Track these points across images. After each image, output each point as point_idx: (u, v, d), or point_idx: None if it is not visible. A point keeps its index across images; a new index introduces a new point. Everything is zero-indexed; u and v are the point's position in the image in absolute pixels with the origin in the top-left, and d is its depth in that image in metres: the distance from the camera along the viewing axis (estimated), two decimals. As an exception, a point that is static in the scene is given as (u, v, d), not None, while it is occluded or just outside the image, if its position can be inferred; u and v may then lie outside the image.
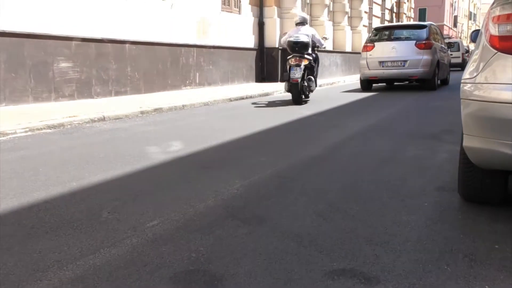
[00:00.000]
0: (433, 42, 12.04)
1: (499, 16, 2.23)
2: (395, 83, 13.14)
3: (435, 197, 2.92)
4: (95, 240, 2.30)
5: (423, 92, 11.16)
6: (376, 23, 29.14)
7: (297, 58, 8.88)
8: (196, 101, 8.90)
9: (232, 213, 2.70)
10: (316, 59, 9.64)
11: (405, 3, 36.22)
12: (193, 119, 6.95)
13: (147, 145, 4.88)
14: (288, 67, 8.95)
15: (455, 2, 65.47)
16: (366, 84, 12.38)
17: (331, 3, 21.32)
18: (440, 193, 3.00)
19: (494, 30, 2.24)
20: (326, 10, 19.50)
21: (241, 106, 8.96)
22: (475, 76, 2.33)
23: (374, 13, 28.86)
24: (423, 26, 12.51)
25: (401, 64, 11.73)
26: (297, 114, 7.37)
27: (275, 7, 15.80)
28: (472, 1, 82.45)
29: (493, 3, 2.32)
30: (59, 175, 3.62)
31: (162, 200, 2.98)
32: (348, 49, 22.18)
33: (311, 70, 9.26)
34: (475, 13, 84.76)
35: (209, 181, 3.42)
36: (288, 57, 9.06)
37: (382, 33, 12.81)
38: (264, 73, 15.72)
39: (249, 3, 15.11)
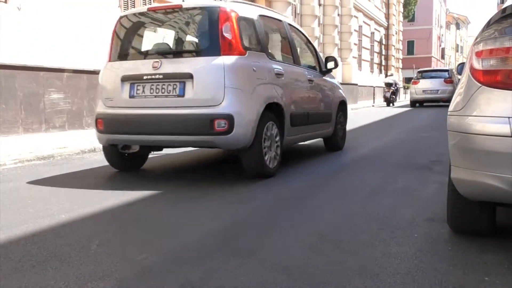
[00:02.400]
0: (453, 79, 20.81)
1: (482, 51, 2.28)
2: (431, 103, 21.74)
3: (425, 228, 2.93)
4: (82, 273, 2.27)
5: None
6: (366, 55, 29.63)
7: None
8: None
9: (222, 245, 2.68)
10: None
11: (393, 35, 36.95)
12: (179, 149, 6.94)
13: (137, 176, 4.87)
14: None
15: (442, 35, 66.93)
16: (415, 103, 21.68)
17: (321, 35, 21.70)
18: (430, 224, 3.01)
19: (478, 65, 2.30)
20: (316, 42, 19.82)
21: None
22: (461, 109, 2.37)
23: (363, 45, 29.38)
24: (447, 70, 22.73)
25: (436, 91, 20.78)
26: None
27: (266, 39, 16.02)
28: (459, 34, 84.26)
29: (477, 38, 2.38)
30: (48, 207, 3.59)
31: (151, 232, 2.96)
32: (338, 80, 22.47)
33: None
34: (462, 45, 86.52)
35: (199, 213, 3.40)
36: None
37: (423, 73, 22.14)
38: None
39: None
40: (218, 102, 4.23)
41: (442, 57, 68.99)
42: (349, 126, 8.22)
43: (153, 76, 4.45)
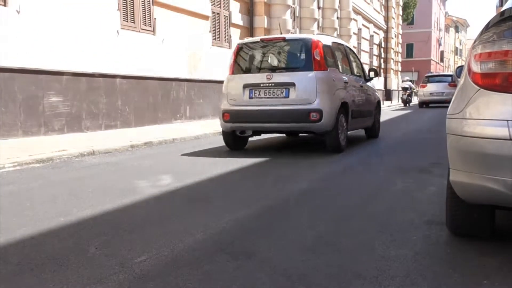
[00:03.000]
0: (456, 82, 23.48)
1: (480, 54, 2.29)
2: (437, 104, 23.62)
3: (424, 231, 2.93)
4: (81, 276, 2.27)
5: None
6: (365, 58, 29.65)
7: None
8: (187, 134, 8.94)
9: (221, 247, 2.68)
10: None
11: (392, 38, 36.97)
12: (183, 153, 6.95)
13: (137, 179, 4.87)
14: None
15: (441, 38, 67.00)
16: (422, 104, 24.40)
17: (320, 38, 21.70)
18: (429, 227, 3.01)
19: (476, 68, 2.30)
20: (315, 45, 19.82)
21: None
22: (460, 112, 2.37)
23: (362, 48, 29.41)
24: (450, 75, 24.45)
25: (441, 94, 23.03)
26: (286, 147, 7.40)
27: (265, 42, 16.05)
28: (458, 37, 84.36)
29: (475, 41, 2.38)
30: (46, 210, 3.58)
31: (150, 234, 2.95)
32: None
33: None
34: (461, 48, 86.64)
35: (198, 215, 3.40)
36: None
37: (430, 78, 24.93)
38: (254, 107, 15.83)
39: (240, 38, 15.34)
40: (312, 101, 6.40)
41: (441, 60, 69.08)
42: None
43: (267, 84, 6.62)
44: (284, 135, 8.78)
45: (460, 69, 4.16)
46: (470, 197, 2.42)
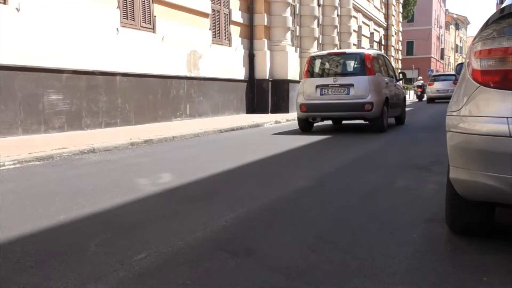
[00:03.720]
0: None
1: (480, 51, 2.28)
2: (443, 100, 25.73)
3: (424, 229, 2.93)
4: (81, 274, 2.27)
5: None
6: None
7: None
8: (187, 132, 8.93)
9: (221, 245, 2.68)
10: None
11: (393, 36, 36.95)
12: (183, 151, 6.95)
13: (136, 177, 4.87)
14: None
15: (441, 35, 66.93)
16: (431, 100, 27.23)
17: (321, 36, 21.70)
18: (429, 225, 3.01)
19: (476, 65, 2.30)
20: (315, 42, 19.83)
21: (232, 137, 9.00)
22: (460, 109, 2.37)
23: (363, 45, 29.38)
24: (454, 74, 24.94)
25: (446, 91, 24.73)
26: (286, 146, 7.40)
27: (265, 40, 16.06)
28: (458, 35, 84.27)
29: (475, 38, 2.38)
30: (46, 208, 3.58)
31: (150, 232, 2.95)
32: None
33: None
34: (461, 45, 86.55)
35: (198, 213, 3.40)
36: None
37: (436, 77, 27.92)
38: (254, 105, 15.86)
39: (240, 36, 15.34)
40: (366, 96, 9.12)
41: (442, 57, 69.03)
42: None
43: (333, 85, 9.44)
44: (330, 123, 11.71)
45: (460, 66, 4.16)
46: (470, 194, 2.42)
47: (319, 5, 20.92)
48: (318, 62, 10.05)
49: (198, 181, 4.64)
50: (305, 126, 9.94)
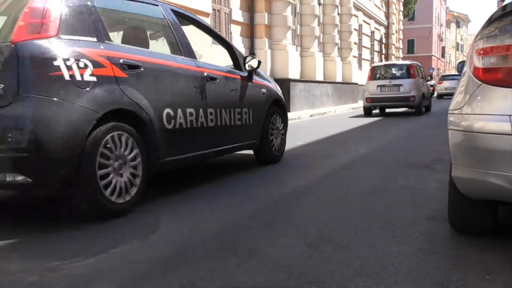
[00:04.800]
0: None
1: (482, 48, 2.27)
2: (450, 97, 25.42)
3: (426, 227, 2.92)
4: (84, 274, 2.27)
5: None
6: (366, 54, 29.64)
7: None
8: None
9: (222, 245, 2.68)
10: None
11: (393, 34, 36.92)
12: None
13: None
14: None
15: (442, 33, 66.86)
16: (440, 97, 29.82)
17: (321, 34, 21.69)
18: (431, 223, 3.00)
19: (478, 62, 2.29)
20: (316, 41, 19.81)
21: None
22: (462, 107, 2.36)
23: (363, 44, 29.37)
24: (459, 74, 28.84)
25: (453, 89, 35.09)
26: (288, 144, 7.39)
27: (266, 39, 16.05)
28: (459, 33, 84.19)
29: (477, 36, 2.37)
30: (50, 208, 3.58)
31: (152, 232, 2.95)
32: (339, 79, 22.44)
33: None
34: (462, 44, 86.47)
35: (200, 213, 3.40)
36: None
37: (444, 77, 31.89)
38: (255, 104, 15.82)
39: (240, 35, 15.33)
40: (411, 92, 14.04)
41: (443, 55, 68.99)
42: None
43: (389, 84, 14.37)
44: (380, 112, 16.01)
45: (461, 64, 4.15)
46: (472, 192, 2.41)
47: (319, 3, 20.90)
48: (377, 70, 15.25)
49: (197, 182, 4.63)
50: (368, 112, 15.01)
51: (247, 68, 5.13)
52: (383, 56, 35.04)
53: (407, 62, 15.35)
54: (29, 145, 2.78)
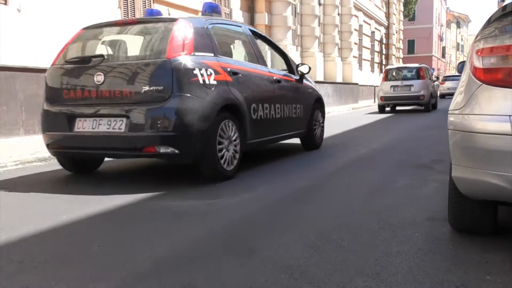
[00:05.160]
0: None
1: (482, 49, 2.28)
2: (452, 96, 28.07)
3: (426, 227, 2.92)
4: (83, 274, 2.27)
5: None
6: (366, 54, 29.63)
7: None
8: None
9: (223, 245, 2.68)
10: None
11: (394, 34, 36.91)
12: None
13: (141, 175, 4.87)
14: None
15: (442, 33, 66.82)
16: (442, 96, 29.11)
17: (322, 34, 21.69)
18: (431, 223, 3.01)
19: (478, 63, 2.29)
20: (316, 41, 19.83)
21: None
22: (462, 107, 2.36)
23: (364, 44, 29.37)
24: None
25: (455, 89, 26.94)
26: (287, 144, 7.40)
27: (266, 39, 16.04)
28: (459, 33, 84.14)
29: (477, 36, 2.37)
30: (49, 208, 3.59)
31: (153, 233, 2.96)
32: (339, 79, 22.45)
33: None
34: (463, 44, 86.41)
35: (201, 213, 3.40)
36: None
37: (447, 78, 32.23)
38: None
39: (241, 36, 15.32)
40: (421, 91, 15.72)
41: (443, 56, 68.96)
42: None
43: (401, 85, 16.03)
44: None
45: (462, 64, 4.15)
46: (472, 193, 2.41)
47: (319, 4, 20.90)
48: (391, 72, 16.85)
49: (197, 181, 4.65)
50: (382, 109, 16.77)
51: (299, 72, 6.45)
52: (383, 56, 35.02)
53: (417, 65, 16.88)
54: (178, 126, 4.07)
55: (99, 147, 4.36)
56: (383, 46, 35.21)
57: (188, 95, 4.14)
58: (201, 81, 4.27)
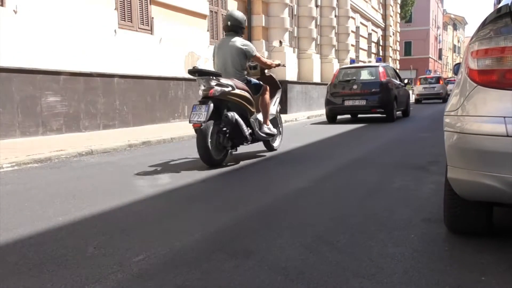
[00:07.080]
0: None
1: (477, 50, 2.28)
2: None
3: (422, 229, 2.93)
4: (79, 276, 2.27)
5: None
6: (363, 56, 29.68)
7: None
8: (185, 134, 8.92)
9: (219, 246, 2.68)
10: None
11: (390, 36, 36.98)
12: (181, 152, 6.94)
13: (135, 178, 4.87)
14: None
15: (439, 35, 66.99)
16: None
17: (319, 36, 21.72)
18: (427, 225, 3.01)
19: (473, 64, 2.30)
20: (313, 43, 19.85)
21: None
22: (457, 109, 2.37)
23: (361, 46, 29.42)
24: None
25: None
26: (283, 146, 7.40)
27: (263, 41, 16.08)
28: (456, 35, 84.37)
29: (472, 38, 2.38)
30: (44, 210, 3.58)
31: (149, 234, 2.95)
32: (336, 81, 22.46)
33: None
34: (459, 46, 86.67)
35: (196, 215, 3.40)
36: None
37: (448, 81, 33.14)
38: (252, 106, 15.83)
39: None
40: (440, 90, 26.64)
41: (440, 57, 69.15)
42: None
43: (428, 86, 27.16)
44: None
45: (457, 66, 4.16)
46: (467, 194, 2.42)
47: (317, 6, 20.93)
48: (422, 79, 26.92)
49: (196, 182, 4.64)
50: (418, 102, 26.19)
51: (404, 82, 14.23)
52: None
53: (438, 74, 21.78)
54: (382, 101, 12.30)
55: (355, 110, 12.70)
56: (380, 48, 35.28)
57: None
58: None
